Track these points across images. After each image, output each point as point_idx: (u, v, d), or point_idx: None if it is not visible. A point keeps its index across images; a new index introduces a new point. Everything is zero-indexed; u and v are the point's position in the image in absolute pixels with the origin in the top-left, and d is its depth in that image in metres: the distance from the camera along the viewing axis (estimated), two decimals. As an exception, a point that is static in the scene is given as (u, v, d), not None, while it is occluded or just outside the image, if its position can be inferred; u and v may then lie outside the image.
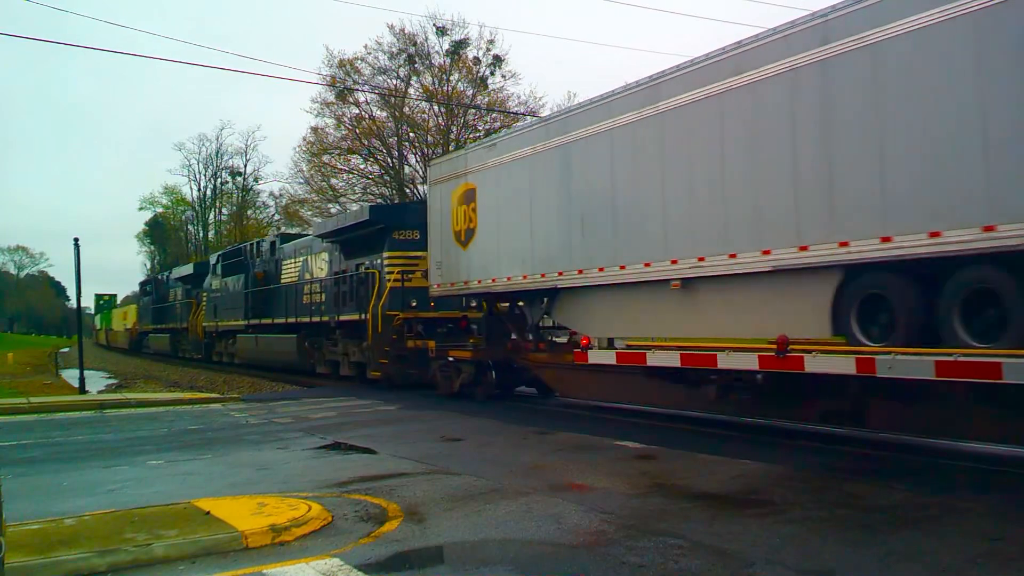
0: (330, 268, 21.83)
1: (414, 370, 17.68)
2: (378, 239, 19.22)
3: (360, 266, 20.11)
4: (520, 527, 6.22)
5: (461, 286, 15.76)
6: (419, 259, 18.44)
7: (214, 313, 31.25)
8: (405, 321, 17.92)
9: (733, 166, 9.79)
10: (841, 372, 8.41)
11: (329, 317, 21.10)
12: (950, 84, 7.51)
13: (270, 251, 27.00)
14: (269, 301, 25.90)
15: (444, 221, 16.30)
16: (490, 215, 14.77)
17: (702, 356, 10.25)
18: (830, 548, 5.48)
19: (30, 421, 15.19)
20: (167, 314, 41.88)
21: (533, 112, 40.46)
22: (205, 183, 67.91)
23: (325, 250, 22.27)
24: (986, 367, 7.14)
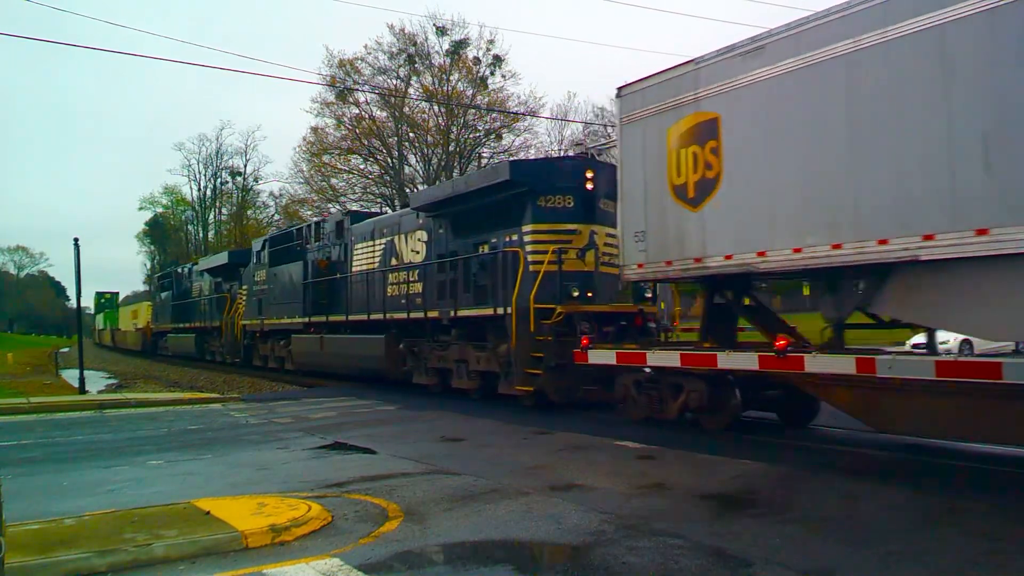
0: (430, 250, 17.17)
1: (588, 386, 13.19)
2: (515, 208, 14.64)
3: (481, 245, 15.55)
4: (520, 527, 6.22)
5: (689, 264, 10.64)
6: (573, 233, 14.25)
7: (258, 309, 26.03)
8: (566, 317, 13.40)
9: None
10: (841, 372, 8.41)
11: (440, 313, 16.12)
12: None
13: (335, 233, 21.98)
14: (337, 294, 21.16)
15: (653, 171, 11.18)
16: (750, 156, 9.82)
17: (702, 356, 10.25)
18: (830, 548, 5.49)
19: (30, 421, 15.19)
20: (190, 311, 36.39)
21: (533, 112, 40.52)
22: (205, 183, 68.01)
23: (422, 227, 17.57)
24: (986, 367, 7.14)
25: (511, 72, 41.78)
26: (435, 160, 42.26)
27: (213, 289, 33.10)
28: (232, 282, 30.24)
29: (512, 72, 41.93)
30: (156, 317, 44.35)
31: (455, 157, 41.68)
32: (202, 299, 34.83)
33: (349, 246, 20.92)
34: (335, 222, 22.38)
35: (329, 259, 21.81)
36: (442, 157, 41.76)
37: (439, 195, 16.85)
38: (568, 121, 42.65)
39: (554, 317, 13.32)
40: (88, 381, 22.75)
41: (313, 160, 44.09)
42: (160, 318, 42.97)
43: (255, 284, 26.55)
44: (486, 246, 15.32)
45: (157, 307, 44.31)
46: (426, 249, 17.26)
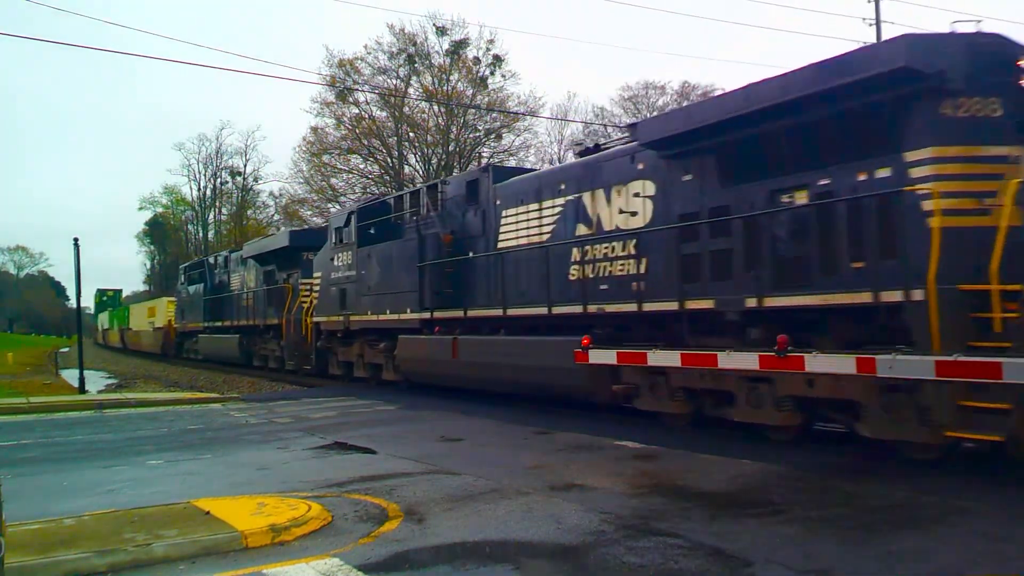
0: (664, 207, 11.42)
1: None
2: (889, 120, 8.73)
3: (794, 193, 9.74)
4: (520, 527, 6.22)
5: None
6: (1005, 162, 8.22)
7: (339, 303, 19.92)
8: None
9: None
10: (841, 372, 8.40)
11: (723, 302, 10.24)
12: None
13: (467, 195, 16.06)
14: (476, 280, 15.48)
15: None
16: None
17: (702, 356, 10.24)
18: (830, 548, 5.48)
19: (30, 421, 15.19)
20: (230, 307, 30.14)
21: (533, 112, 40.51)
22: (205, 183, 68.07)
23: (644, 175, 11.76)
24: (986, 367, 7.13)
25: (511, 72, 41.85)
26: (435, 160, 42.25)
27: (263, 280, 26.97)
28: (291, 270, 24.46)
29: (512, 72, 41.98)
30: (182, 314, 37.31)
31: (455, 157, 41.67)
32: (246, 292, 28.27)
33: (493, 212, 15.15)
34: (466, 181, 16.41)
35: (456, 232, 16.11)
36: (442, 157, 41.75)
37: (715, 116, 10.17)
38: (568, 121, 42.67)
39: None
40: (88, 381, 22.75)
41: (313, 160, 44.11)
42: (187, 315, 36.09)
43: (334, 271, 20.30)
44: (803, 193, 9.51)
45: (183, 303, 37.05)
46: (652, 208, 11.60)
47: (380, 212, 19.21)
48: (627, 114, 42.11)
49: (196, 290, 34.89)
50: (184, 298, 37.12)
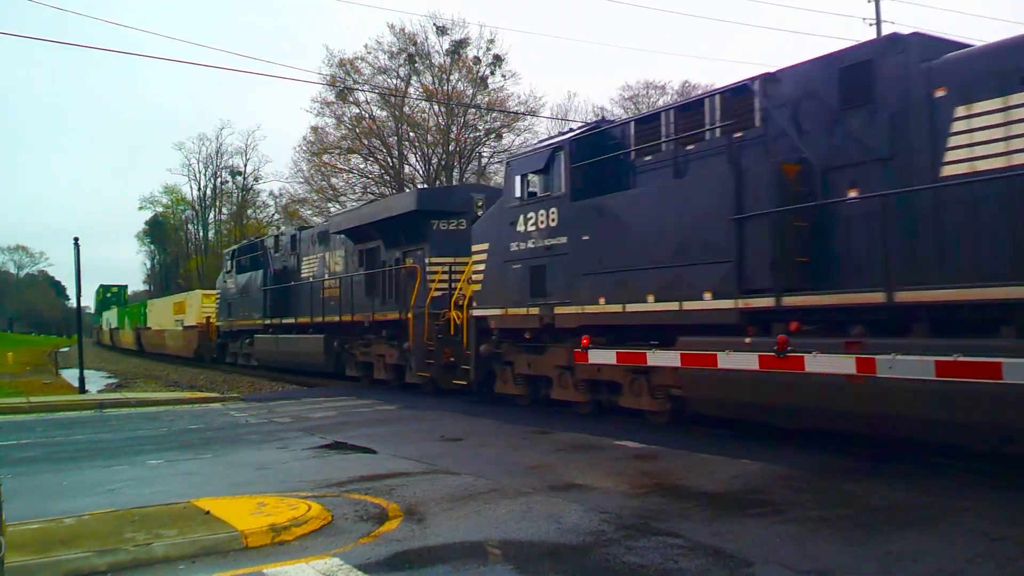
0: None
1: None
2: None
3: None
4: (520, 527, 6.22)
5: None
6: None
7: (529, 288, 13.26)
8: None
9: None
10: (841, 372, 8.40)
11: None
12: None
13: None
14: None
15: None
16: None
17: (702, 356, 10.24)
18: (830, 548, 5.48)
19: (30, 421, 15.19)
20: (307, 300, 23.13)
21: (533, 112, 40.51)
22: (205, 183, 68.06)
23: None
24: (986, 367, 7.13)
25: (511, 72, 41.81)
26: (435, 160, 42.25)
27: (359, 261, 20.79)
28: (413, 246, 18.22)
29: (512, 72, 41.96)
30: (227, 310, 29.85)
31: (455, 157, 41.67)
32: (332, 280, 21.93)
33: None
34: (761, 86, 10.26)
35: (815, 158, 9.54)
36: (442, 157, 41.75)
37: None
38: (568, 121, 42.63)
39: None
40: (88, 381, 22.75)
41: (313, 160, 44.11)
42: (236, 311, 28.68)
43: (517, 239, 13.54)
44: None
45: (229, 296, 29.52)
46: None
47: (616, 143, 12.56)
48: (627, 114, 42.13)
49: (250, 280, 27.39)
50: (231, 290, 29.39)
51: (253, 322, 27.15)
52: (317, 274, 23.46)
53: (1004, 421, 7.10)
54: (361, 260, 20.84)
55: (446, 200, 18.26)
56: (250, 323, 27.54)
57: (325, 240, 23.30)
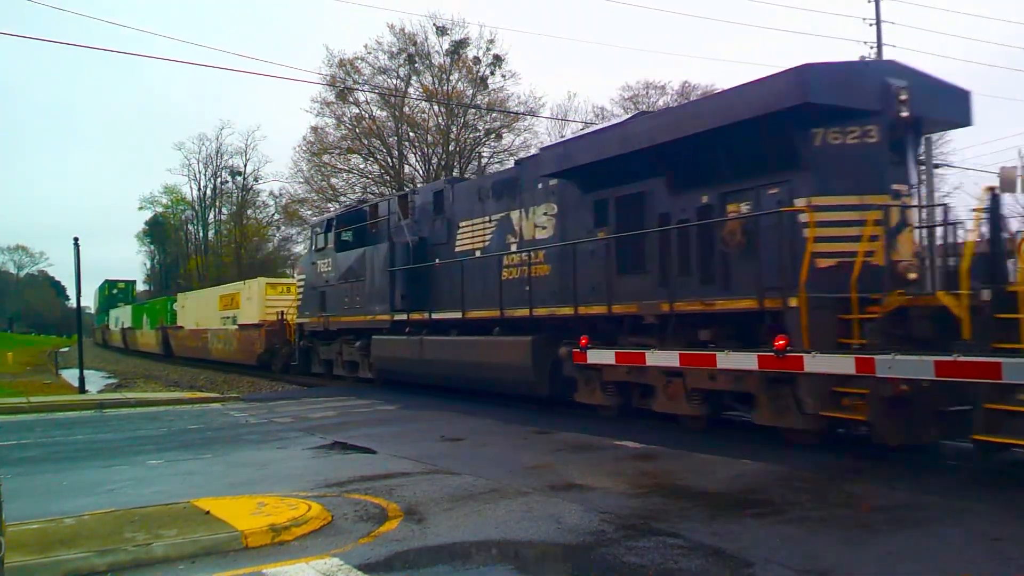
0: None
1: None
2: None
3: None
4: (520, 527, 6.22)
5: None
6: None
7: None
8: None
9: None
10: (841, 372, 8.41)
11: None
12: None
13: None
14: None
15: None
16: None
17: (702, 356, 10.25)
18: (830, 548, 5.48)
19: (30, 421, 15.19)
20: (477, 283, 15.74)
21: (533, 112, 40.53)
22: (205, 183, 67.93)
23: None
24: (986, 367, 7.14)
25: (511, 72, 41.74)
26: (435, 160, 42.23)
27: (605, 218, 12.94)
28: (751, 181, 10.65)
29: (512, 72, 41.91)
30: (320, 302, 21.64)
31: (455, 157, 41.65)
32: (546, 248, 14.16)
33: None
34: None
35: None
36: (442, 157, 41.72)
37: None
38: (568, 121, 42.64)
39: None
40: (87, 380, 22.74)
41: (313, 160, 44.05)
42: (332, 304, 21.09)
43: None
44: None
45: (322, 283, 21.62)
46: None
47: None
48: (627, 114, 42.09)
49: (361, 259, 19.53)
50: (324, 275, 21.51)
51: (368, 318, 19.00)
52: (493, 245, 15.59)
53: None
54: (604, 215, 12.89)
55: (849, 89, 9.73)
56: (362, 319, 19.34)
57: (511, 190, 15.28)
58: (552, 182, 14.06)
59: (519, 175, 15.30)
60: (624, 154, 11.80)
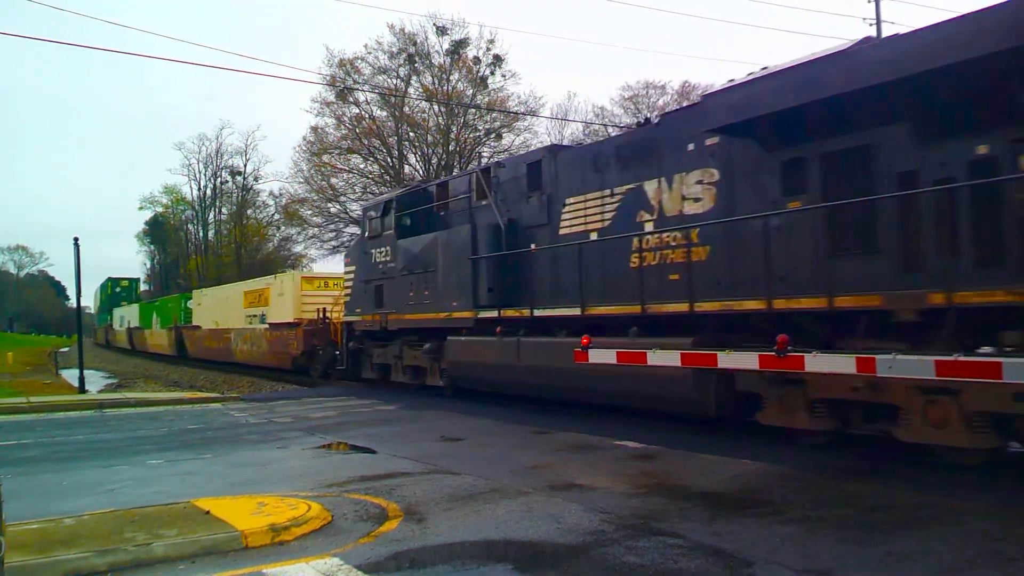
0: None
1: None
2: None
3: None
4: (520, 527, 6.22)
5: None
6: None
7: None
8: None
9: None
10: (841, 371, 8.39)
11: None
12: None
13: None
14: None
15: None
16: None
17: (702, 356, 10.23)
18: (830, 548, 5.48)
19: (30, 420, 15.19)
20: (601, 272, 12.44)
21: (533, 112, 40.51)
22: (205, 183, 67.97)
23: None
24: (986, 367, 7.12)
25: (511, 72, 41.74)
26: (435, 160, 42.24)
27: (801, 183, 9.72)
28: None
29: (512, 72, 41.91)
30: (375, 297, 18.54)
31: (455, 157, 41.65)
32: (721, 224, 10.64)
33: None
34: None
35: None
36: (442, 157, 41.72)
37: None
38: (568, 121, 42.64)
39: None
40: (87, 380, 22.74)
41: (313, 160, 44.04)
42: (392, 298, 17.89)
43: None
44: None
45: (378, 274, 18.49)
46: None
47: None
48: (627, 114, 42.07)
49: (432, 245, 16.44)
50: (382, 265, 18.26)
51: (441, 316, 15.81)
52: (617, 224, 12.56)
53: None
54: (799, 180, 9.86)
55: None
56: (433, 317, 16.05)
57: (645, 155, 12.20)
58: (711, 140, 10.84)
59: (658, 135, 11.97)
60: (844, 95, 8.57)
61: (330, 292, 24.62)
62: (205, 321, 34.81)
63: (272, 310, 26.75)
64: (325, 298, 24.26)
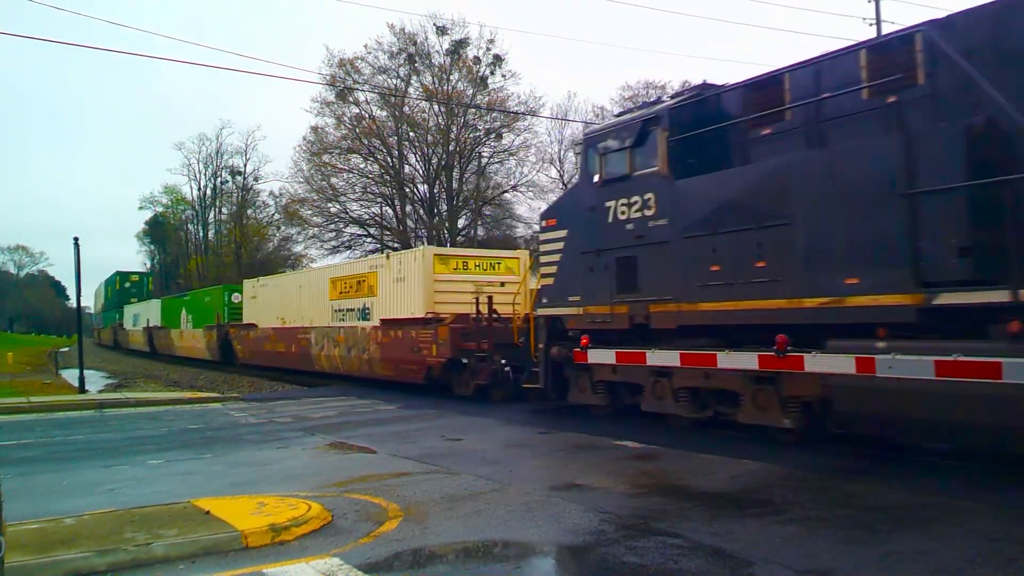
0: None
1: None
2: None
3: None
4: (520, 527, 6.22)
5: None
6: None
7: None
8: None
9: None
10: (841, 371, 8.40)
11: None
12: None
13: None
14: None
15: None
16: None
17: (702, 356, 10.24)
18: (830, 548, 5.48)
19: (30, 420, 15.19)
20: None
21: (533, 112, 40.52)
22: (205, 182, 67.93)
23: None
24: (986, 367, 7.12)
25: (511, 72, 41.79)
26: (435, 160, 42.25)
27: None
28: None
29: (512, 72, 41.95)
30: (621, 280, 11.61)
31: (455, 157, 41.67)
32: None
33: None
34: None
35: None
36: (442, 157, 41.74)
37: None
38: (568, 121, 42.66)
39: None
40: (87, 380, 22.74)
41: (313, 159, 44.06)
42: (655, 281, 11.03)
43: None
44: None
45: (643, 241, 11.22)
46: None
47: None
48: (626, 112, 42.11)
49: (793, 178, 9.21)
50: (632, 224, 11.46)
51: (811, 302, 9.00)
52: None
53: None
54: None
55: None
56: (783, 305, 9.32)
57: None
58: None
59: None
60: None
61: (471, 276, 18.47)
62: (264, 318, 26.88)
63: (382, 302, 19.68)
64: (463, 284, 18.16)
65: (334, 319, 21.98)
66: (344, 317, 21.51)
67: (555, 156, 43.30)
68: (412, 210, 43.96)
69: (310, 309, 23.53)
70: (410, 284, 18.53)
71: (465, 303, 17.21)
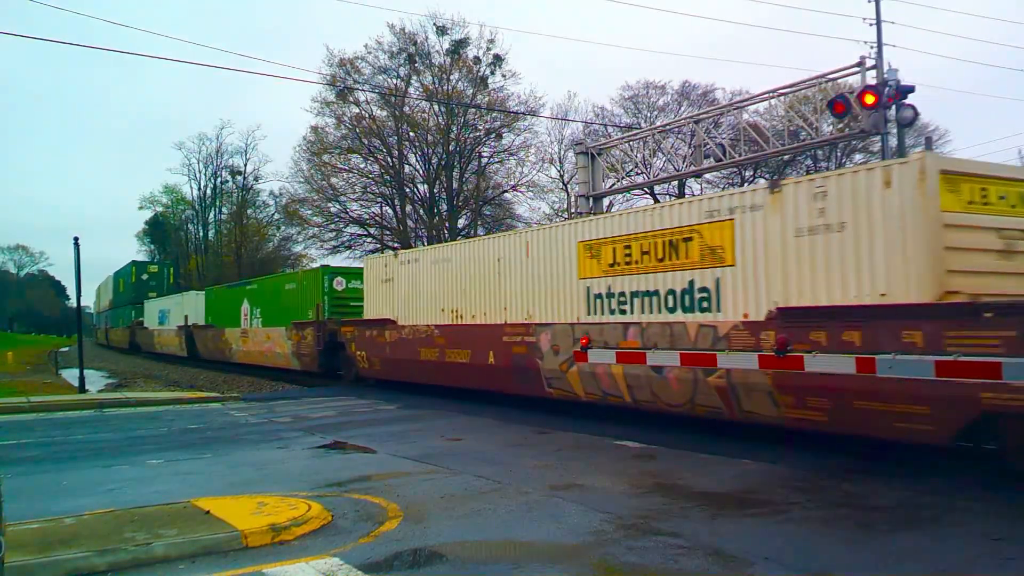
0: None
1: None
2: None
3: None
4: (520, 527, 6.22)
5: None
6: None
7: None
8: None
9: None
10: (841, 371, 8.40)
11: None
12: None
13: None
14: None
15: None
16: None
17: (702, 356, 10.24)
18: (830, 548, 5.48)
19: (30, 420, 15.18)
20: None
21: (533, 112, 40.52)
22: (205, 182, 67.96)
23: None
24: (986, 367, 7.12)
25: (511, 72, 41.75)
26: (435, 160, 42.25)
27: None
28: None
29: (512, 72, 41.91)
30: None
31: (455, 157, 41.66)
32: None
33: None
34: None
35: None
36: (442, 157, 41.74)
37: None
38: (568, 121, 42.64)
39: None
40: (87, 380, 22.74)
41: (313, 159, 44.04)
42: None
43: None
44: None
45: None
46: None
47: None
48: (627, 114, 42.07)
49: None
50: None
51: None
52: None
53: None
54: None
55: None
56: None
57: None
58: None
59: None
60: None
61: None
62: (409, 311, 18.01)
63: (771, 273, 9.74)
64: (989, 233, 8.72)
65: (593, 310, 12.51)
66: (646, 307, 11.48)
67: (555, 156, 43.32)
68: (412, 210, 43.95)
69: (522, 294, 14.31)
70: (865, 233, 8.72)
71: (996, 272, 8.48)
